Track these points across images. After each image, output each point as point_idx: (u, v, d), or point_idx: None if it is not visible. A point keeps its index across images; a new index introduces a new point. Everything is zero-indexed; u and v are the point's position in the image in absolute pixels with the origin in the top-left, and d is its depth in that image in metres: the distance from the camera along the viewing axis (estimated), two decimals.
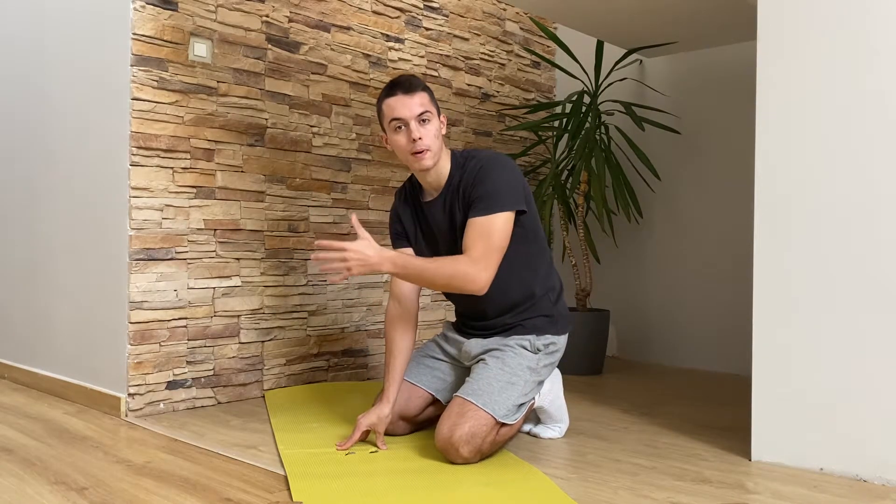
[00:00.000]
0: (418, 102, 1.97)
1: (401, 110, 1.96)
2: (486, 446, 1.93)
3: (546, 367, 2.12)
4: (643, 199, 3.75)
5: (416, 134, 1.95)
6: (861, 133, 1.88)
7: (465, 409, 1.93)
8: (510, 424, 2.00)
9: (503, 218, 1.93)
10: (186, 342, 2.60)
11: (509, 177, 1.98)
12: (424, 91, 2.00)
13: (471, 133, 3.69)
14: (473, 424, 1.90)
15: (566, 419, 2.28)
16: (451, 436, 1.89)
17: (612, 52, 3.68)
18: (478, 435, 1.90)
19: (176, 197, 2.57)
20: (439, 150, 2.02)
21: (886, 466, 1.82)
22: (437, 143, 2.00)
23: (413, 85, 1.98)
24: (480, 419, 1.91)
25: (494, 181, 1.95)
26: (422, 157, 1.98)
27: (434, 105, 2.02)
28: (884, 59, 1.86)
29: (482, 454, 1.94)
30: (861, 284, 1.87)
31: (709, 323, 3.60)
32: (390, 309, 2.18)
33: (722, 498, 1.73)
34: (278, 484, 1.79)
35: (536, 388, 2.11)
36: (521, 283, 2.10)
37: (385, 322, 2.22)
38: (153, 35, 2.51)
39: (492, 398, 1.96)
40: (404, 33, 3.36)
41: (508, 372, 2.02)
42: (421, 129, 1.97)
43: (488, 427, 1.92)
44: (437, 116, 2.03)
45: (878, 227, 1.85)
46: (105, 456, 2.04)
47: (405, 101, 1.96)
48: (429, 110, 1.98)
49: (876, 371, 1.84)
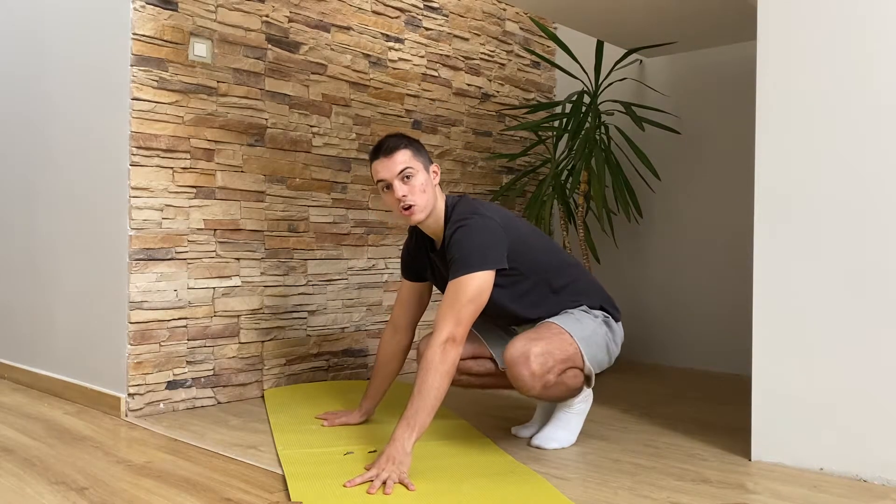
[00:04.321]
0: (399, 161, 2.00)
1: (383, 172, 2.02)
2: (553, 374, 1.98)
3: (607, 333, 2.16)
4: (643, 199, 3.75)
5: (398, 193, 2.00)
6: (861, 133, 1.88)
7: (542, 328, 2.05)
8: (582, 365, 2.05)
9: (473, 279, 1.94)
10: (186, 342, 2.60)
11: (479, 239, 1.98)
12: (407, 148, 2.03)
13: (471, 133, 3.69)
14: (550, 341, 2.00)
15: (575, 435, 2.20)
16: (527, 349, 1.96)
17: (612, 52, 3.68)
18: (552, 354, 1.98)
19: (176, 197, 2.57)
20: (429, 203, 2.04)
21: (886, 466, 1.82)
22: (424, 196, 2.02)
23: (393, 147, 2.02)
24: (559, 336, 2.02)
25: (463, 246, 1.97)
26: (410, 213, 2.02)
27: (419, 159, 2.04)
28: (884, 58, 1.86)
29: (546, 383, 1.98)
30: (861, 284, 1.87)
31: (709, 323, 3.60)
32: (386, 333, 2.33)
33: (722, 498, 1.73)
34: (278, 484, 1.79)
35: (604, 349, 2.14)
36: (539, 306, 2.15)
37: (380, 341, 2.36)
38: (153, 35, 2.51)
39: (569, 324, 2.06)
40: (404, 33, 3.36)
41: (577, 317, 2.11)
42: (404, 186, 2.00)
43: (566, 347, 2.02)
44: (425, 169, 2.05)
45: (878, 226, 1.85)
46: (105, 456, 2.04)
47: (386, 164, 2.01)
48: (410, 166, 2.01)
49: (876, 371, 1.84)
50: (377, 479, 1.73)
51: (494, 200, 3.67)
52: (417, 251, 2.25)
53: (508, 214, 2.14)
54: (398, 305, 2.32)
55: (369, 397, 2.35)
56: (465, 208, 2.05)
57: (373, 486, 1.70)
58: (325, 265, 3.05)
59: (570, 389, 2.09)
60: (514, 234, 2.08)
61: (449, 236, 2.02)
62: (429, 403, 1.83)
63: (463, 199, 2.10)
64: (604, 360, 2.18)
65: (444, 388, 1.86)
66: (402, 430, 1.81)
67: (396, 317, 2.32)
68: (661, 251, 3.79)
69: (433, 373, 1.84)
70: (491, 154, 3.79)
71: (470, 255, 1.95)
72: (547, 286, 2.14)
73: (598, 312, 2.17)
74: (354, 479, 1.75)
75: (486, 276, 1.95)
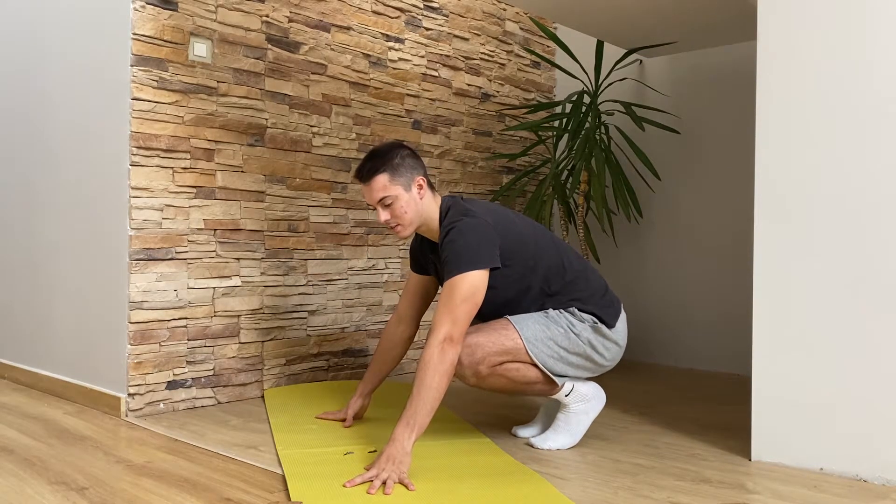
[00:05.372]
0: (377, 188, 2.06)
1: (366, 196, 2.11)
2: (485, 365, 2.02)
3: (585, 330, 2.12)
4: (643, 199, 3.75)
5: (381, 218, 2.10)
6: (861, 133, 1.88)
7: (491, 322, 2.09)
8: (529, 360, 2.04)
9: (465, 279, 1.95)
10: (186, 342, 2.60)
11: (471, 236, 2.01)
12: (383, 173, 2.06)
13: (471, 133, 3.69)
14: (488, 335, 2.03)
15: (575, 439, 2.17)
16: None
17: (612, 52, 3.68)
18: (482, 346, 2.01)
19: (176, 197, 2.57)
20: (415, 219, 2.10)
21: (886, 466, 1.82)
22: (408, 216, 2.08)
23: (369, 173, 2.07)
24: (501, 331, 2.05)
25: (454, 248, 2.00)
26: (396, 231, 2.11)
27: (398, 181, 2.06)
28: (884, 58, 1.86)
29: (477, 373, 2.03)
30: (861, 284, 1.87)
31: (709, 323, 3.60)
32: (391, 323, 2.38)
33: (722, 498, 1.73)
34: (278, 484, 1.79)
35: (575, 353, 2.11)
36: (530, 310, 2.15)
37: (384, 330, 2.40)
38: (153, 35, 2.51)
39: (521, 321, 2.07)
40: (404, 33, 3.36)
41: (536, 318, 2.11)
42: (385, 212, 2.09)
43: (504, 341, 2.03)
44: (406, 188, 2.07)
45: (878, 226, 1.85)
46: (105, 456, 2.04)
47: (366, 191, 2.10)
48: (388, 194, 2.06)
49: (876, 371, 1.84)
50: (377, 479, 1.73)
51: (494, 200, 3.67)
52: (422, 247, 2.29)
53: (506, 214, 2.14)
54: (404, 296, 2.37)
55: (367, 381, 2.38)
56: (457, 210, 2.08)
57: (373, 486, 1.70)
58: (325, 265, 3.05)
59: (516, 383, 2.07)
60: (510, 233, 2.09)
61: (442, 239, 2.05)
62: (428, 403, 1.84)
63: (454, 200, 2.13)
64: (581, 363, 2.13)
65: (443, 387, 1.86)
66: (401, 430, 1.82)
67: (402, 307, 2.37)
68: (661, 251, 3.79)
69: (432, 372, 1.85)
70: (491, 154, 3.79)
71: (460, 256, 1.97)
72: (542, 288, 2.13)
73: (586, 317, 2.13)
74: (354, 479, 1.75)
75: (478, 276, 1.96)
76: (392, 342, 2.36)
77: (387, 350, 2.37)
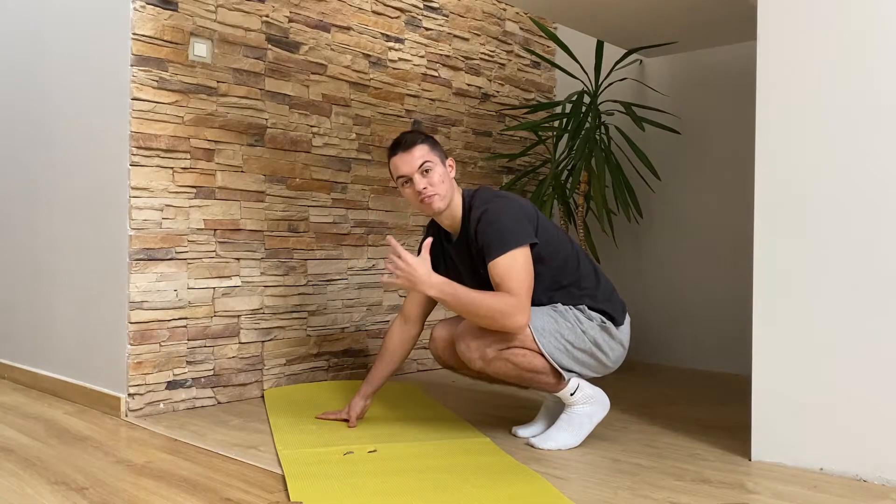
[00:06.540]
0: (418, 156, 2.09)
1: (403, 167, 2.10)
2: (492, 349, 2.03)
3: (597, 337, 2.13)
4: (643, 199, 3.75)
5: (419, 185, 2.08)
6: (861, 132, 1.88)
7: None
8: (536, 348, 2.04)
9: (516, 255, 2.00)
10: (186, 342, 2.60)
11: (509, 214, 2.05)
12: (424, 143, 2.12)
13: (471, 133, 3.69)
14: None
15: (577, 440, 2.16)
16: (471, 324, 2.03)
17: (612, 52, 3.68)
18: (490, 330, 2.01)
19: (176, 197, 2.58)
20: (449, 193, 2.12)
21: (886, 466, 1.82)
22: (444, 186, 2.11)
23: (411, 141, 2.11)
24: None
25: (495, 224, 2.04)
26: (431, 201, 2.09)
27: (436, 153, 2.13)
28: (884, 58, 1.86)
29: (483, 356, 2.04)
30: (861, 284, 1.87)
31: (709, 323, 3.60)
32: (395, 325, 2.36)
33: (722, 498, 1.73)
34: (278, 484, 1.79)
35: (582, 350, 2.11)
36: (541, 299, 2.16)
37: (386, 334, 2.39)
38: (153, 35, 2.51)
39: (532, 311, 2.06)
40: (404, 33, 3.36)
41: (546, 310, 2.12)
42: (424, 179, 2.09)
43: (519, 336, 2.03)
44: (442, 163, 2.13)
45: (878, 226, 1.85)
46: (105, 456, 2.04)
47: (405, 158, 2.10)
48: (429, 160, 2.10)
49: (875, 370, 1.84)
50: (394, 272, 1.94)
51: None
52: (437, 237, 2.28)
53: (529, 204, 2.19)
54: (411, 296, 2.36)
55: (370, 382, 2.37)
56: (487, 194, 2.13)
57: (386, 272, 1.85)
58: (325, 265, 3.05)
59: (521, 370, 2.06)
60: (539, 216, 2.15)
61: (476, 220, 2.07)
62: (470, 299, 1.95)
63: (482, 188, 2.18)
64: (585, 360, 2.13)
65: (484, 308, 1.95)
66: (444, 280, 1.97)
67: (408, 307, 2.35)
68: (661, 251, 3.79)
69: (492, 297, 1.96)
70: (491, 154, 3.79)
71: (503, 235, 2.01)
72: (556, 279, 2.14)
73: (595, 315, 2.15)
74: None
75: (524, 252, 2.02)
76: (396, 343, 2.35)
77: (392, 351, 2.35)
